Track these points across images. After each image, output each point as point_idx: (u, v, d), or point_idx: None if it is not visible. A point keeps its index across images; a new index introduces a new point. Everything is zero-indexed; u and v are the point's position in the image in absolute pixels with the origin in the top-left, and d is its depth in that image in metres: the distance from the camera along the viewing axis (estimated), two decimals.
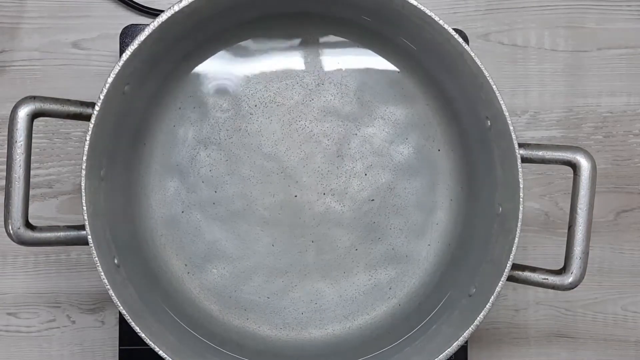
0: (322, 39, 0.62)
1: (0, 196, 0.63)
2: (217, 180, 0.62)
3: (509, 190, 0.55)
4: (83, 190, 0.52)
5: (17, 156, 0.51)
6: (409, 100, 0.63)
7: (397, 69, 0.63)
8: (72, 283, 0.67)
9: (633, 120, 0.70)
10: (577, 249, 0.54)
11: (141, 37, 0.52)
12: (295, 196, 0.63)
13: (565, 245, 0.55)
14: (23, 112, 0.51)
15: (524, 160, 0.54)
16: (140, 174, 0.62)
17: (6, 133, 0.52)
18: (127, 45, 0.52)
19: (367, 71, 0.63)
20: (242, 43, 0.62)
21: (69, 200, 0.67)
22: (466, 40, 0.64)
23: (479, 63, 0.53)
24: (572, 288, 0.55)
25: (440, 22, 0.53)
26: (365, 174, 0.63)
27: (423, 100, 0.63)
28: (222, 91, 0.62)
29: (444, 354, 0.54)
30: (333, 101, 0.63)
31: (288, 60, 0.62)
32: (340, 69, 0.63)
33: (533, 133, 0.69)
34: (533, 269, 0.55)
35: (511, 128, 0.53)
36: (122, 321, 0.62)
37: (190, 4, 0.52)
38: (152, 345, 0.52)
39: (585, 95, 0.69)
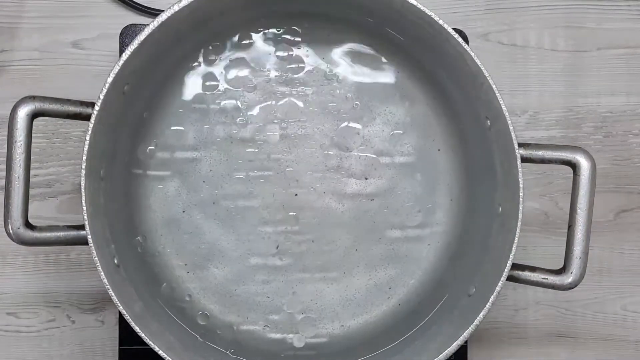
0: (322, 39, 0.62)
1: (0, 196, 0.63)
2: (217, 180, 0.62)
3: (509, 190, 0.55)
4: (83, 190, 0.52)
5: (17, 156, 0.51)
6: (409, 100, 0.63)
7: (397, 69, 0.63)
8: (72, 283, 0.67)
9: (633, 120, 0.70)
10: (577, 248, 0.54)
11: (141, 37, 0.52)
12: (296, 195, 0.63)
13: (565, 245, 0.55)
14: (23, 112, 0.51)
15: (524, 160, 0.54)
16: (140, 174, 0.62)
17: (6, 133, 0.52)
18: (127, 45, 0.52)
19: (367, 71, 0.63)
20: (242, 42, 0.62)
21: (69, 200, 0.67)
22: (466, 40, 0.64)
23: (479, 63, 0.53)
24: (572, 288, 0.55)
25: (440, 22, 0.53)
26: (365, 174, 0.63)
27: (423, 100, 0.63)
28: (222, 91, 0.62)
29: (443, 354, 0.54)
30: (333, 101, 0.63)
31: (288, 59, 0.62)
32: (340, 69, 0.63)
33: (533, 133, 0.69)
34: (533, 269, 0.55)
35: (511, 128, 0.53)
36: (122, 321, 0.62)
37: (190, 3, 0.52)
38: (152, 345, 0.52)
39: (585, 95, 0.69)
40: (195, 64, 0.62)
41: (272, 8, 0.60)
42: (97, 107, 0.51)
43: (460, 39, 0.53)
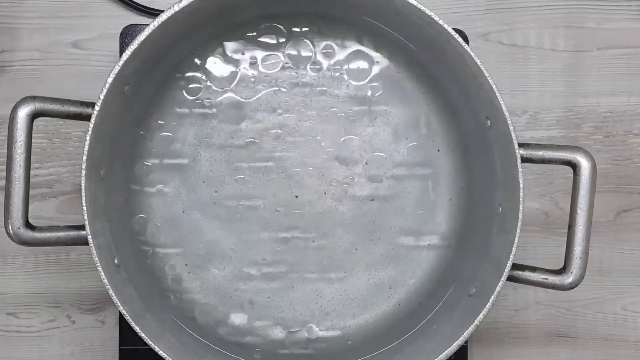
0: (323, 39, 0.62)
1: (0, 196, 0.63)
2: (217, 180, 0.62)
3: (509, 190, 0.55)
4: (83, 190, 0.52)
5: (17, 156, 0.51)
6: (409, 100, 0.63)
7: (397, 69, 0.63)
8: (72, 283, 0.67)
9: (633, 120, 0.70)
10: (577, 248, 0.54)
11: (141, 37, 0.52)
12: (296, 196, 0.63)
13: (565, 245, 0.55)
14: (23, 112, 0.51)
15: (524, 160, 0.54)
16: (140, 174, 0.62)
17: (6, 133, 0.52)
18: (127, 45, 0.52)
19: (367, 71, 0.63)
20: (242, 43, 0.62)
21: (69, 200, 0.67)
22: (466, 40, 0.64)
23: (479, 63, 0.53)
24: (572, 288, 0.55)
25: (440, 22, 0.53)
26: (365, 174, 0.63)
27: (423, 101, 0.63)
28: (222, 91, 0.62)
29: (444, 353, 0.54)
30: (333, 101, 0.63)
31: (288, 60, 0.62)
32: (340, 69, 0.63)
33: (533, 133, 0.69)
34: (533, 269, 0.55)
35: (511, 128, 0.53)
36: (122, 321, 0.62)
37: (190, 4, 0.52)
38: (152, 345, 0.52)
39: (585, 95, 0.69)
40: (196, 63, 0.62)
41: (272, 9, 0.60)
42: (97, 108, 0.51)
43: (460, 39, 0.53)
